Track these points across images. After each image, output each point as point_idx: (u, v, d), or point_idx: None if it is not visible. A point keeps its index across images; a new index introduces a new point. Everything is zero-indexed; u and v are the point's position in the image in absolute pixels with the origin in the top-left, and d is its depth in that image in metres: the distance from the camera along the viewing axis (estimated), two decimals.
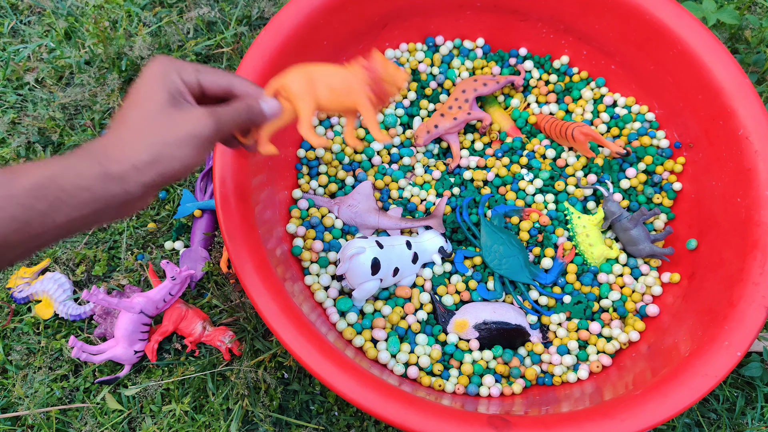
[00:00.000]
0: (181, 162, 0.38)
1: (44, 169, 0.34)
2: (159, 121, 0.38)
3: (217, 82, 0.43)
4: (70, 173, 0.34)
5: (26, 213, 0.33)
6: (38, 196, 0.33)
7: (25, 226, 0.33)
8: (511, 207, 0.71)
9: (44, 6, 0.90)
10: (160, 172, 0.37)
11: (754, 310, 0.56)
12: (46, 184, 0.33)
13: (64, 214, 0.34)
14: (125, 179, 0.36)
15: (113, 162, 0.36)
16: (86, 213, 0.35)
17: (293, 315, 0.53)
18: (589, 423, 0.50)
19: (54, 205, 0.34)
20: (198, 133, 0.39)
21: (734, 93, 0.64)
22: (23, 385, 0.68)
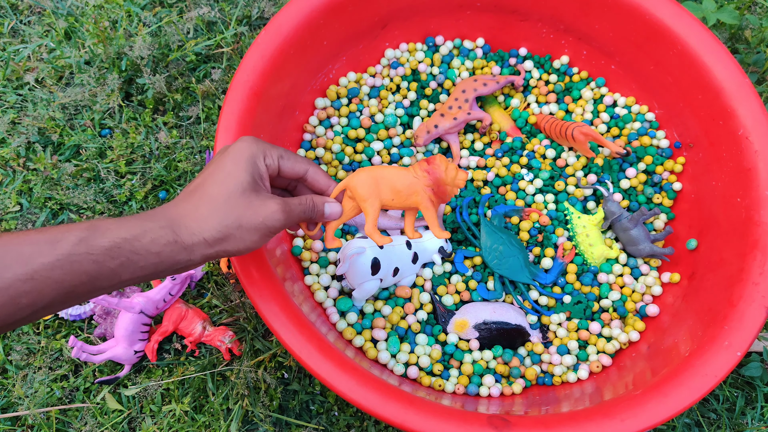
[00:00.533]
0: (246, 245, 0.40)
1: (123, 230, 0.36)
2: (238, 203, 0.40)
3: (295, 168, 0.45)
4: (146, 238, 0.37)
5: (98, 269, 0.35)
6: (113, 255, 0.35)
7: (94, 281, 0.35)
8: (511, 207, 0.71)
9: (44, 6, 0.90)
10: (225, 249, 0.40)
11: (754, 310, 0.56)
12: (121, 245, 0.36)
13: (129, 272, 0.36)
14: (193, 250, 0.38)
15: (187, 233, 0.38)
16: (150, 273, 0.37)
17: (293, 315, 0.53)
18: (589, 423, 0.50)
19: (124, 264, 0.36)
20: (270, 224, 0.41)
21: (734, 93, 0.64)
22: (23, 385, 0.68)
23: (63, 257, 0.34)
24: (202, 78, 0.85)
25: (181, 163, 0.78)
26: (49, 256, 0.33)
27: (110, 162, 0.79)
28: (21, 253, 0.33)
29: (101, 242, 0.35)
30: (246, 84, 0.61)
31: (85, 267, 0.34)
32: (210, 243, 0.39)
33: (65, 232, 0.35)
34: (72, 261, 0.34)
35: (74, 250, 0.34)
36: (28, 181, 0.78)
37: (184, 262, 0.39)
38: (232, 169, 0.41)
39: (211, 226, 0.39)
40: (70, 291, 0.34)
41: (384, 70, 0.78)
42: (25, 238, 0.34)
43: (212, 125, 0.82)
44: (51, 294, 0.34)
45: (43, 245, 0.34)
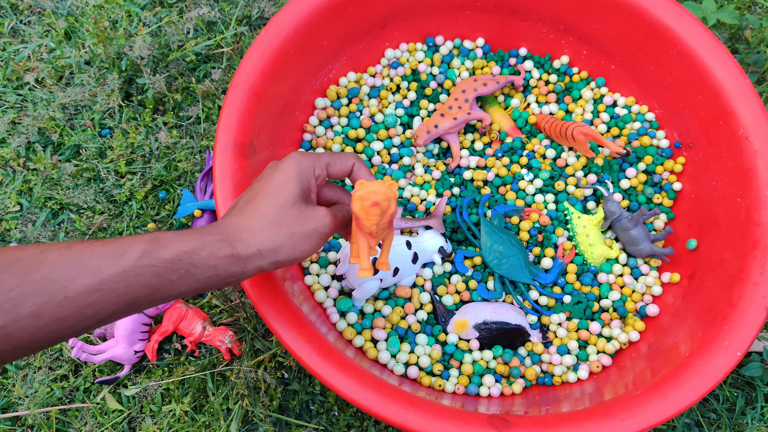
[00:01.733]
0: (297, 254, 0.42)
1: (183, 243, 0.38)
2: (289, 214, 0.42)
3: (343, 167, 0.47)
4: (204, 251, 0.38)
5: (159, 281, 0.36)
6: (174, 268, 0.37)
7: (155, 292, 0.36)
8: (511, 207, 0.71)
9: (44, 6, 0.90)
10: (277, 260, 0.41)
11: (754, 310, 0.56)
12: (182, 258, 0.37)
13: (187, 285, 0.38)
14: (247, 262, 0.40)
15: (242, 246, 0.40)
16: (205, 286, 0.39)
17: (293, 315, 0.53)
18: (589, 423, 0.50)
19: (183, 277, 0.37)
20: (321, 230, 0.43)
21: (734, 93, 0.64)
22: (23, 385, 0.68)
23: (128, 269, 0.35)
24: (202, 78, 0.85)
25: (181, 163, 0.78)
26: (116, 267, 0.35)
27: (110, 162, 0.79)
28: (89, 265, 0.34)
29: (164, 255, 0.36)
30: (246, 84, 0.61)
31: (148, 279, 0.36)
32: (264, 254, 0.40)
33: (130, 245, 0.36)
34: (136, 273, 0.35)
35: (139, 263, 0.35)
36: (28, 181, 0.78)
37: (237, 275, 0.40)
38: (282, 183, 0.43)
39: (265, 237, 0.40)
40: (131, 302, 0.36)
41: (384, 70, 0.78)
42: (92, 250, 0.35)
43: (212, 125, 0.82)
44: (114, 305, 0.35)
45: (109, 258, 0.35)
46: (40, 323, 0.33)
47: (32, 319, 0.32)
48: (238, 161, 0.58)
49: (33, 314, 0.32)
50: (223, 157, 0.57)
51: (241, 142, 0.58)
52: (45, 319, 0.33)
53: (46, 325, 0.33)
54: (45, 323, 0.33)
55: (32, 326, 0.32)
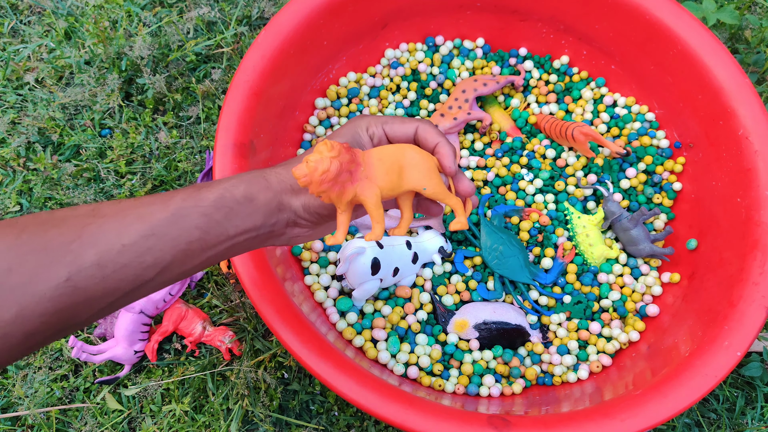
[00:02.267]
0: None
1: (223, 183, 0.38)
2: None
3: (403, 129, 0.45)
4: (243, 185, 0.39)
5: (206, 222, 0.37)
6: (218, 206, 0.37)
7: (205, 236, 0.37)
8: (511, 207, 0.71)
9: (44, 6, 0.90)
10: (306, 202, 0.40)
11: (754, 310, 0.56)
12: (224, 195, 0.38)
13: (234, 225, 0.38)
14: (281, 197, 0.40)
15: (275, 178, 0.40)
16: (249, 227, 0.39)
17: (293, 315, 0.53)
18: (589, 423, 0.50)
19: (228, 215, 0.38)
20: None
21: (734, 93, 0.64)
22: (23, 385, 0.68)
23: (176, 211, 0.36)
24: (202, 78, 0.85)
25: (181, 163, 0.78)
26: (164, 212, 0.36)
27: (110, 162, 0.79)
28: (139, 213, 0.35)
29: (207, 195, 0.37)
30: (246, 84, 0.61)
31: (195, 221, 0.36)
32: (294, 190, 0.40)
33: (174, 194, 0.37)
34: (183, 215, 0.36)
35: (184, 204, 0.36)
36: (28, 181, 0.78)
37: (275, 213, 0.40)
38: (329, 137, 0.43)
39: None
40: (186, 248, 0.36)
41: (384, 70, 0.78)
42: (140, 201, 0.36)
43: (212, 125, 0.82)
44: (170, 251, 0.36)
45: (156, 204, 0.36)
46: (106, 272, 0.33)
47: (96, 268, 0.33)
48: (238, 161, 0.58)
49: (95, 263, 0.33)
50: (223, 157, 0.57)
51: (241, 142, 0.58)
52: (108, 268, 0.33)
53: (111, 274, 0.34)
54: (110, 272, 0.33)
55: (98, 276, 0.33)
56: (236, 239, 0.39)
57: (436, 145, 0.44)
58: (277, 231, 0.41)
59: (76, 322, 0.34)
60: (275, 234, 0.41)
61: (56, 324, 0.32)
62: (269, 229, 0.40)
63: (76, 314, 0.33)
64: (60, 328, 0.33)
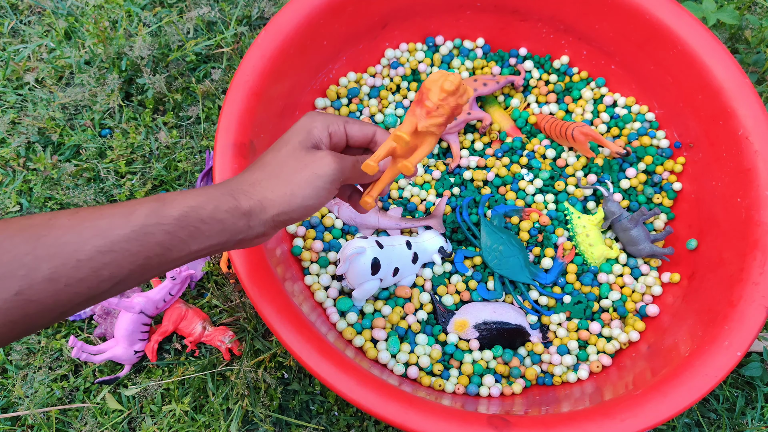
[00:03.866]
0: (298, 203, 0.41)
1: (189, 199, 0.38)
2: (289, 163, 0.41)
3: (363, 131, 0.46)
4: (210, 205, 0.38)
5: (170, 240, 0.36)
6: (182, 225, 0.37)
7: (167, 252, 0.36)
8: (511, 207, 0.71)
9: (44, 6, 0.90)
10: (279, 211, 0.40)
11: (754, 310, 0.56)
12: (189, 214, 0.37)
13: (198, 242, 0.38)
14: (251, 215, 0.39)
15: (244, 198, 0.39)
16: (213, 243, 0.38)
17: (293, 315, 0.53)
18: (589, 423, 0.50)
19: (193, 233, 0.37)
20: (320, 171, 0.41)
21: (734, 93, 0.64)
22: (23, 385, 0.68)
23: (138, 228, 0.35)
24: (202, 78, 0.85)
25: (181, 163, 0.78)
26: (125, 228, 0.35)
27: (110, 162, 0.79)
28: (99, 226, 0.34)
29: (171, 212, 0.36)
30: (246, 84, 0.61)
31: (158, 238, 0.36)
32: (265, 205, 0.40)
33: (137, 205, 0.36)
34: (146, 232, 0.35)
35: (147, 221, 0.35)
36: (28, 181, 0.78)
37: (244, 231, 0.39)
38: (287, 138, 0.43)
39: (265, 188, 0.40)
40: (145, 263, 0.36)
41: (384, 70, 0.78)
42: (100, 213, 0.35)
43: (212, 125, 0.82)
44: (128, 266, 0.35)
45: (118, 218, 0.35)
46: (59, 287, 0.33)
47: (49, 283, 0.32)
48: (238, 161, 0.58)
49: (49, 278, 0.32)
50: (223, 157, 0.57)
51: (241, 142, 0.58)
52: (62, 282, 0.33)
53: (64, 288, 0.33)
54: (63, 286, 0.33)
55: (51, 290, 0.33)
56: (199, 253, 0.39)
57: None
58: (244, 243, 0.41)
59: (29, 330, 0.33)
60: (242, 244, 0.41)
61: (7, 333, 0.32)
62: (235, 243, 0.40)
63: (29, 324, 0.33)
64: (12, 336, 0.33)
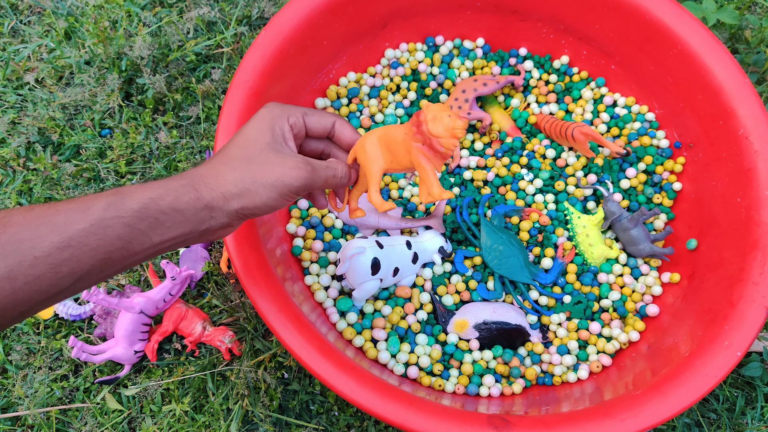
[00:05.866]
0: (264, 201, 0.40)
1: (148, 191, 0.37)
2: (255, 160, 0.41)
3: (322, 123, 0.46)
4: (170, 196, 0.38)
5: (130, 233, 0.36)
6: (141, 217, 0.36)
7: (128, 245, 0.36)
8: (511, 207, 0.71)
9: (44, 6, 0.90)
10: (243, 206, 0.40)
11: (754, 310, 0.56)
12: (148, 206, 0.37)
13: (159, 234, 0.37)
14: (213, 206, 0.39)
15: (206, 189, 0.39)
16: (176, 235, 0.38)
17: (293, 315, 0.53)
18: (589, 423, 0.50)
19: (153, 225, 0.37)
20: (288, 181, 0.41)
21: (734, 93, 0.64)
22: (23, 385, 0.68)
23: (96, 222, 0.35)
24: (202, 78, 0.85)
25: (181, 163, 0.78)
26: (83, 222, 0.34)
27: (110, 162, 0.79)
28: (55, 222, 0.34)
29: (130, 205, 0.36)
30: (246, 84, 0.61)
31: (118, 231, 0.35)
32: (227, 198, 0.39)
33: (94, 200, 0.36)
34: (105, 226, 0.35)
35: (105, 215, 0.35)
36: (28, 181, 0.78)
37: (206, 221, 0.39)
38: (253, 131, 0.42)
39: (228, 182, 0.40)
40: (106, 258, 0.35)
41: (384, 70, 0.78)
42: (56, 208, 0.35)
43: (212, 125, 0.82)
44: (88, 261, 0.35)
45: (75, 213, 0.35)
46: (16, 285, 0.33)
47: (6, 281, 0.32)
48: None
49: (6, 277, 0.32)
50: None
51: None
52: (19, 280, 0.33)
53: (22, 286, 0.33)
54: (21, 285, 0.33)
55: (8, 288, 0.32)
56: (162, 246, 0.38)
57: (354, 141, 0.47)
58: (209, 234, 0.41)
59: None
60: (206, 236, 0.41)
61: None
62: (199, 234, 0.40)
63: None
64: None
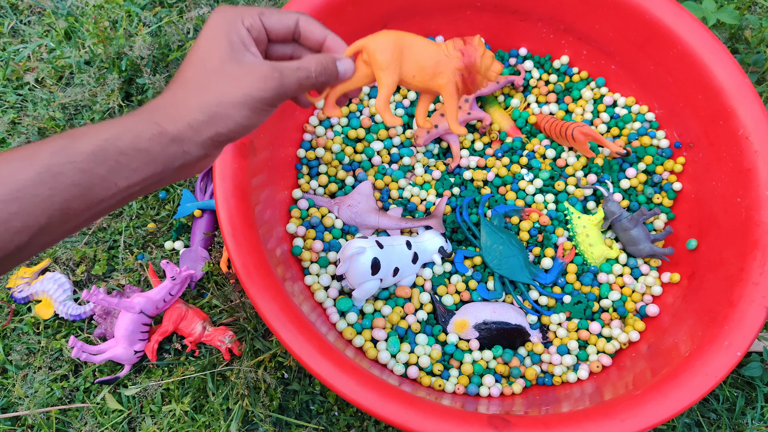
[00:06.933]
0: (238, 122, 0.36)
1: (103, 132, 0.33)
2: (217, 79, 0.36)
3: (282, 21, 0.40)
4: (129, 135, 0.34)
5: (88, 178, 0.32)
6: (98, 160, 0.33)
7: (88, 192, 0.33)
8: (511, 207, 0.71)
9: (44, 6, 0.90)
10: (216, 132, 0.36)
11: (754, 310, 0.56)
12: (105, 147, 0.33)
13: (124, 177, 0.34)
14: (182, 139, 0.35)
15: (170, 122, 0.35)
16: (146, 176, 0.35)
17: (293, 315, 0.53)
18: (589, 423, 0.50)
19: (114, 169, 0.33)
20: (257, 95, 0.36)
21: (734, 93, 0.64)
22: (23, 385, 0.68)
23: (44, 170, 0.31)
24: None
25: None
26: (28, 171, 0.31)
27: None
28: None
29: (82, 148, 0.32)
30: None
31: (72, 178, 0.32)
32: (196, 127, 0.35)
33: (41, 146, 0.32)
34: (54, 173, 0.32)
35: (54, 161, 0.32)
36: None
37: (179, 155, 0.35)
38: (206, 45, 0.37)
39: (192, 109, 0.35)
40: (64, 208, 0.32)
41: None
42: None
43: None
44: (43, 213, 0.32)
45: (19, 162, 0.31)
46: None
47: None
48: (238, 161, 0.58)
49: None
50: (223, 157, 0.57)
51: (241, 141, 0.58)
52: None
53: None
54: None
55: None
56: (132, 190, 0.35)
57: (325, 38, 0.41)
58: (186, 170, 0.37)
59: None
60: (183, 172, 0.37)
61: None
62: (174, 171, 0.36)
63: None
64: None
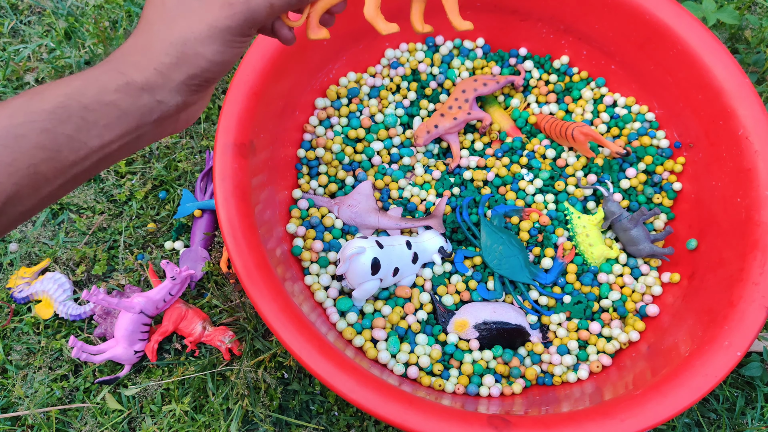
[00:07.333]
0: (208, 60, 0.33)
1: (63, 87, 0.30)
2: (178, 14, 0.33)
3: None
4: (92, 89, 0.31)
5: (53, 139, 0.30)
6: (61, 118, 0.30)
7: (56, 155, 0.30)
8: (511, 207, 0.71)
9: (44, 6, 0.90)
10: (188, 74, 0.33)
11: (754, 310, 0.56)
12: (67, 104, 0.30)
13: (95, 136, 0.31)
14: (153, 88, 0.32)
15: (135, 69, 0.32)
16: (120, 133, 0.32)
17: (293, 315, 0.53)
18: (589, 423, 0.50)
19: (82, 127, 0.30)
20: (223, 25, 0.33)
21: (734, 93, 0.64)
22: (23, 385, 0.68)
23: (3, 133, 0.29)
24: None
25: (181, 163, 0.78)
26: None
27: None
28: None
29: (42, 106, 0.30)
30: (246, 84, 0.61)
31: (35, 139, 0.29)
32: (165, 72, 0.32)
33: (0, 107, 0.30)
34: (15, 135, 0.29)
35: (12, 122, 0.29)
36: None
37: (153, 106, 0.32)
38: None
39: (158, 52, 0.32)
40: (32, 173, 0.29)
41: (384, 70, 0.78)
42: None
43: (212, 125, 0.82)
44: (10, 180, 0.29)
45: None
46: None
47: None
48: (238, 161, 0.58)
49: None
50: (223, 157, 0.57)
51: (241, 142, 0.59)
52: None
53: None
54: None
55: None
56: (108, 149, 0.32)
57: None
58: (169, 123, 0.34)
59: None
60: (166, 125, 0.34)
61: None
62: (153, 124, 0.33)
63: None
64: None
